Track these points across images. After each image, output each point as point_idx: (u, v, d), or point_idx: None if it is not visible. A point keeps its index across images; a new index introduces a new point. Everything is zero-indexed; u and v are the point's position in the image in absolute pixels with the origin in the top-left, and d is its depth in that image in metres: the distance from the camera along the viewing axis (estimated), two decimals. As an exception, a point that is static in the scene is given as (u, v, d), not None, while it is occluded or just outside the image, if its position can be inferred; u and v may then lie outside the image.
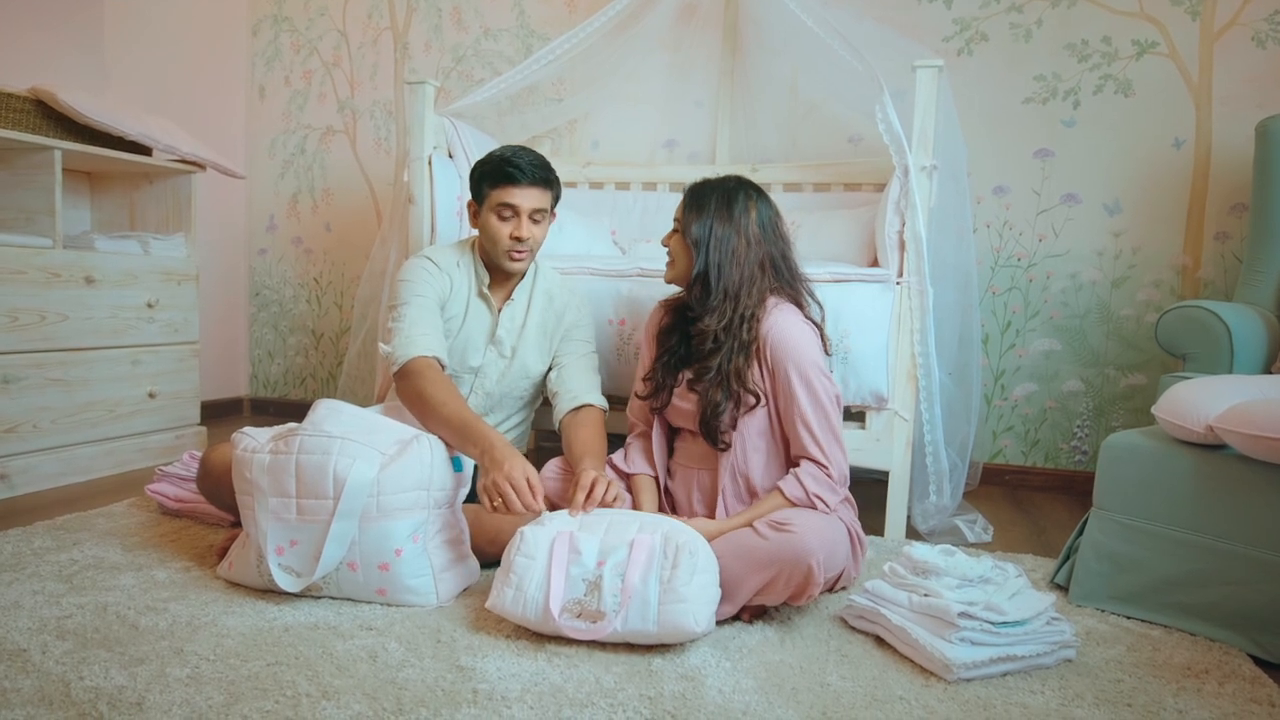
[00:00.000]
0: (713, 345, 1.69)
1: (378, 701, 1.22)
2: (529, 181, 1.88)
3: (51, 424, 2.44)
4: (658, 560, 1.44)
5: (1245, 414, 1.49)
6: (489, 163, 1.91)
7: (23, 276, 2.34)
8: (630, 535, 1.48)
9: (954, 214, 2.34)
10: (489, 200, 1.90)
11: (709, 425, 1.70)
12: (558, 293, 2.06)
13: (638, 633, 1.41)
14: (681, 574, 1.41)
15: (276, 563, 1.55)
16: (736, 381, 1.67)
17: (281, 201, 3.70)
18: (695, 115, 3.08)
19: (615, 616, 1.40)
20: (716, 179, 1.77)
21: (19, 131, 2.39)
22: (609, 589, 1.42)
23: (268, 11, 3.64)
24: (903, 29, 2.74)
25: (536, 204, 1.90)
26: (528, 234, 1.89)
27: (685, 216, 1.73)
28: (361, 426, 1.64)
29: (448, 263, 1.97)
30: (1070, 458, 2.81)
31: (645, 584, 1.41)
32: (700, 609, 1.41)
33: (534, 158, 1.90)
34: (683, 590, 1.40)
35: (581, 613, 1.43)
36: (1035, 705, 1.29)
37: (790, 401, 1.65)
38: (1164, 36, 2.64)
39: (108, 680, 1.26)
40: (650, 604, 1.40)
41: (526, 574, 1.46)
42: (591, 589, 1.44)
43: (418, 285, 1.90)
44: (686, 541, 1.46)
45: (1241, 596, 1.53)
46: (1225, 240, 2.63)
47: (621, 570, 1.43)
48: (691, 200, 1.74)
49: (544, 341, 2.03)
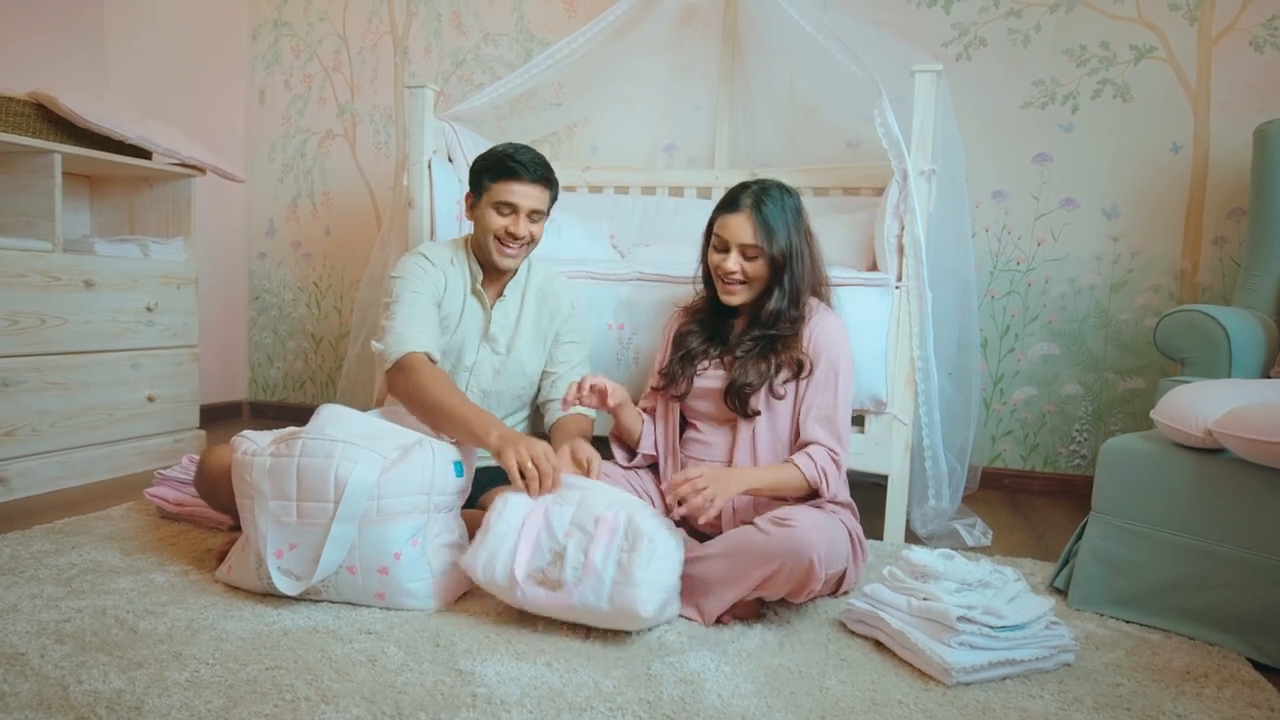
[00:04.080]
0: (760, 334, 1.75)
1: (377, 705, 1.22)
2: (530, 179, 1.88)
3: (50, 427, 2.44)
4: (619, 540, 1.47)
5: (1244, 418, 1.50)
6: (492, 157, 1.92)
7: (22, 280, 2.34)
8: (598, 511, 1.51)
9: (953, 218, 2.35)
10: (489, 194, 1.90)
11: (739, 392, 1.71)
12: (551, 289, 2.06)
13: (591, 608, 1.45)
14: (638, 558, 1.45)
15: (276, 566, 1.55)
16: (783, 349, 1.71)
17: (281, 205, 3.70)
18: (694, 119, 3.08)
19: (574, 588, 1.45)
20: (757, 188, 1.76)
21: (19, 135, 2.39)
22: (571, 561, 1.47)
23: (268, 16, 3.65)
24: (901, 34, 2.75)
25: (535, 203, 1.90)
26: (524, 232, 1.89)
27: (762, 238, 1.71)
28: (364, 431, 1.63)
29: (442, 260, 1.97)
30: (1069, 462, 2.81)
31: (604, 562, 1.46)
32: (651, 595, 1.44)
33: (536, 156, 1.91)
34: (637, 574, 1.44)
35: (544, 580, 1.48)
36: (1034, 709, 1.29)
37: (820, 390, 1.71)
38: (1162, 41, 2.65)
39: (106, 684, 1.26)
40: (605, 582, 1.45)
41: (502, 542, 1.51)
42: (556, 559, 1.49)
43: (412, 282, 1.90)
44: (649, 529, 1.48)
45: (1240, 600, 1.53)
46: (1224, 244, 2.63)
47: (584, 545, 1.48)
48: (759, 219, 1.72)
49: (538, 339, 2.03)
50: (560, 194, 3.04)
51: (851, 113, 2.68)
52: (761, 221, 1.72)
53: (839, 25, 2.36)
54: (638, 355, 2.16)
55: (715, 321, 1.86)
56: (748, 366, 1.72)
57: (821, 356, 1.72)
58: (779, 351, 1.72)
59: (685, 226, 2.83)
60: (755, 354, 1.73)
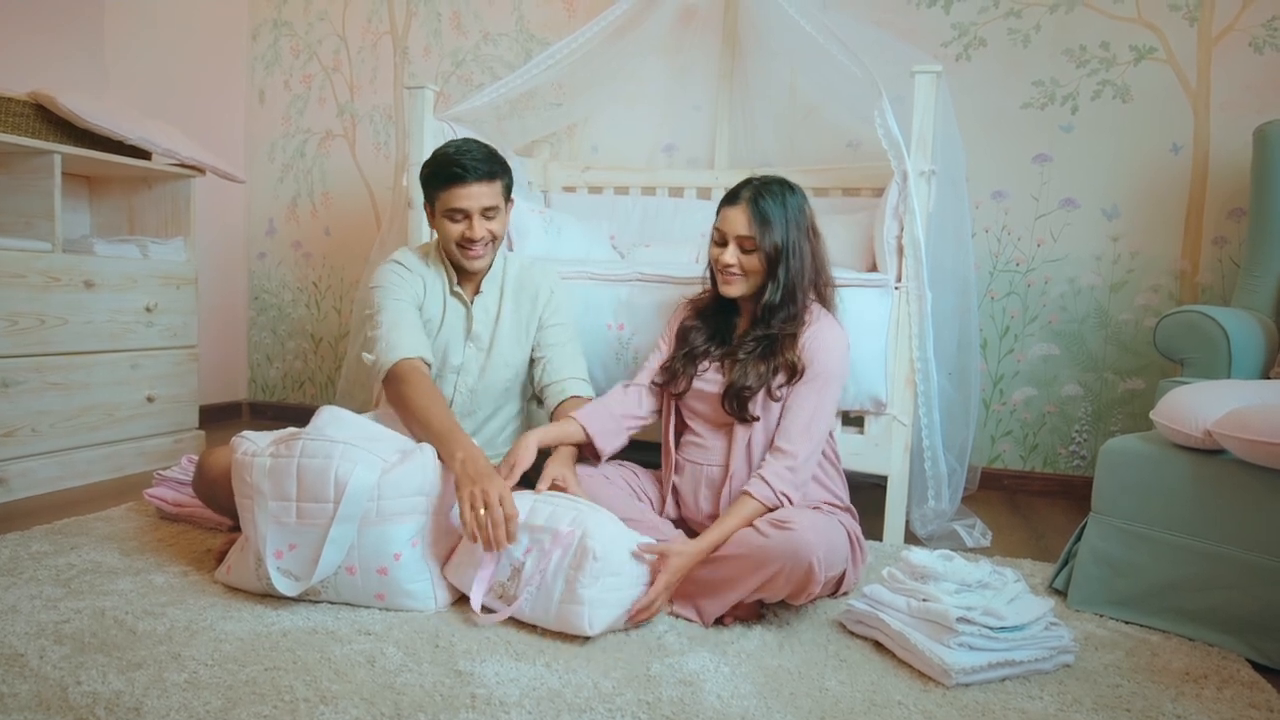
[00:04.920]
0: (761, 334, 1.74)
1: (376, 707, 1.22)
2: (475, 179, 1.81)
3: (50, 428, 2.44)
4: (569, 558, 1.49)
5: (1243, 419, 1.50)
6: (434, 163, 1.86)
7: (22, 280, 2.34)
8: (558, 527, 1.53)
9: (952, 219, 2.34)
10: (439, 203, 1.86)
11: (738, 395, 1.70)
12: (528, 277, 2.03)
13: (539, 620, 1.51)
14: (584, 577, 1.47)
15: (275, 566, 1.55)
16: (781, 353, 1.70)
17: (281, 205, 3.70)
18: (694, 119, 3.08)
19: (525, 601, 1.51)
20: (758, 183, 1.76)
21: (19, 135, 2.39)
22: (526, 575, 1.52)
23: (268, 16, 3.65)
24: (901, 34, 2.75)
25: (486, 201, 1.84)
26: (481, 233, 1.85)
27: (756, 230, 1.71)
28: (364, 433, 1.64)
29: (417, 265, 1.96)
30: (1069, 462, 2.81)
31: (554, 579, 1.49)
32: (596, 612, 1.47)
33: (477, 151, 1.84)
34: (581, 593, 1.47)
35: (502, 594, 1.54)
36: (1034, 710, 1.29)
37: (803, 397, 1.69)
38: (1162, 42, 2.65)
39: (105, 685, 1.26)
40: (553, 598, 1.49)
41: (469, 553, 1.59)
42: (514, 574, 1.54)
43: (392, 290, 1.89)
44: (596, 547, 1.48)
45: (1240, 601, 1.53)
46: (1223, 245, 2.63)
47: (538, 561, 1.52)
48: (756, 212, 1.71)
49: (520, 328, 2.01)
50: (560, 194, 3.08)
51: (851, 113, 2.68)
52: (758, 215, 1.71)
53: (839, 25, 2.36)
54: (637, 355, 2.16)
55: (719, 319, 1.85)
56: (747, 369, 1.71)
57: (813, 363, 1.70)
58: (778, 354, 1.72)
59: (685, 227, 2.83)
60: (756, 355, 1.72)
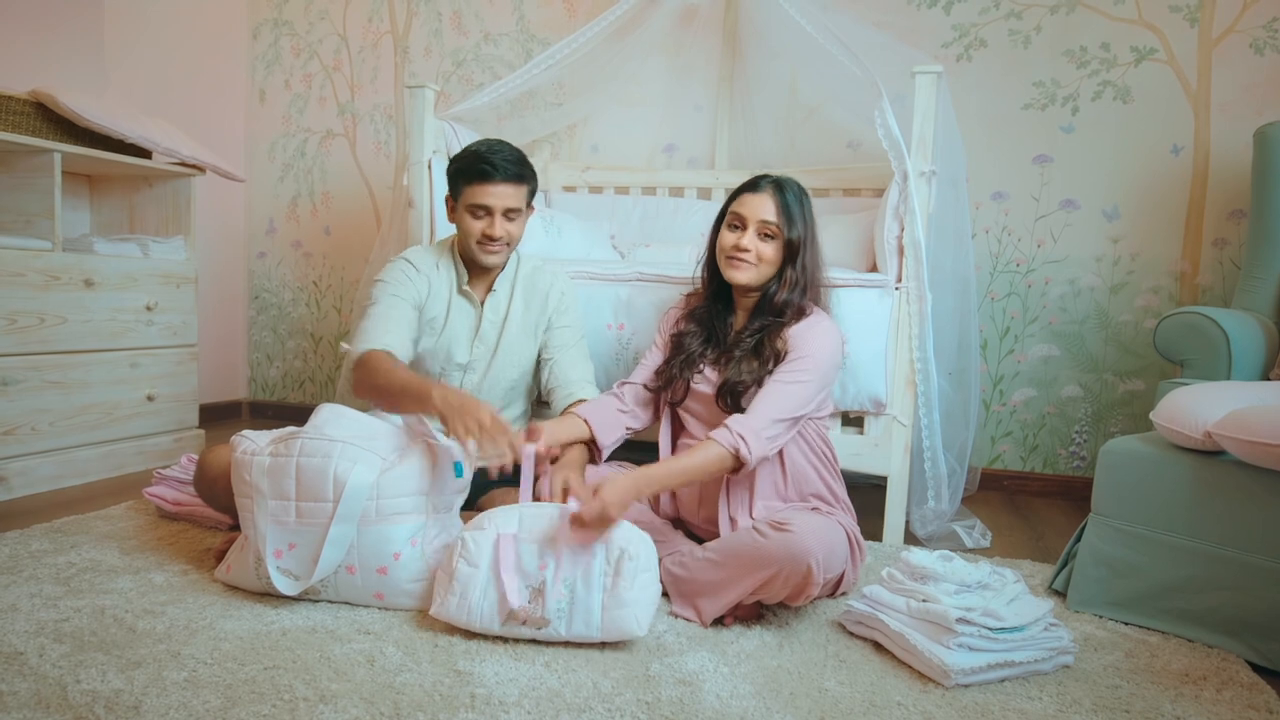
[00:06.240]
0: (758, 327, 1.74)
1: (375, 706, 1.22)
2: (503, 178, 1.87)
3: (50, 426, 2.44)
4: (600, 567, 1.45)
5: (1243, 420, 1.50)
6: (464, 159, 1.91)
7: (22, 279, 2.34)
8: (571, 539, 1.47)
9: (953, 219, 2.35)
10: (464, 197, 1.91)
11: (732, 390, 1.70)
12: (539, 278, 2.07)
13: (581, 636, 1.44)
14: (624, 580, 1.44)
15: (275, 565, 1.55)
16: (771, 344, 1.70)
17: (281, 205, 3.70)
18: (695, 119, 3.08)
19: (560, 622, 1.44)
20: (776, 177, 1.78)
21: (19, 134, 2.39)
22: (552, 595, 1.44)
23: (268, 15, 3.65)
24: (902, 34, 2.75)
25: (510, 202, 1.89)
26: (501, 232, 1.89)
27: (783, 219, 1.72)
28: (363, 432, 1.63)
29: (427, 265, 1.98)
30: (1068, 463, 2.81)
31: (589, 592, 1.44)
32: (642, 610, 1.44)
33: (509, 153, 1.89)
34: (625, 596, 1.43)
35: (527, 619, 1.44)
36: (1033, 711, 1.29)
37: (778, 381, 1.66)
38: (1162, 43, 2.65)
39: (105, 683, 1.26)
40: (594, 611, 1.43)
41: (471, 581, 1.47)
42: (535, 595, 1.45)
43: (393, 286, 1.92)
44: (627, 545, 1.46)
45: (1239, 602, 1.53)
46: (1224, 246, 2.63)
47: (564, 576, 1.45)
48: (781, 202, 1.73)
49: (528, 327, 2.04)
50: (560, 194, 3.08)
51: (852, 114, 2.68)
52: (783, 203, 1.73)
53: (839, 26, 2.36)
54: (637, 355, 2.15)
55: (713, 320, 1.84)
56: (741, 365, 1.71)
57: (796, 347, 1.69)
58: (770, 346, 1.71)
59: (685, 227, 2.83)
60: (750, 351, 1.72)
